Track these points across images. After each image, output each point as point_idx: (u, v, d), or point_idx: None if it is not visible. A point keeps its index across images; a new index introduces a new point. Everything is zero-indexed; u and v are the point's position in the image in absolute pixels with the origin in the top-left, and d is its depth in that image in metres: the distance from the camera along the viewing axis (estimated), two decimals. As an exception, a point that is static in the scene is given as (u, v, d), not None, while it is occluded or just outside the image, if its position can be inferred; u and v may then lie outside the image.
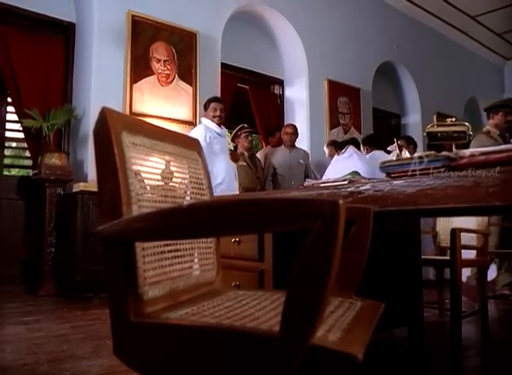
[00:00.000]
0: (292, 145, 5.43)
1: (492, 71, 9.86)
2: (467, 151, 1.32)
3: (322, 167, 5.54)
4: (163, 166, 1.03)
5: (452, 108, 8.12)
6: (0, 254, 4.12)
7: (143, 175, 0.95)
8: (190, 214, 0.76)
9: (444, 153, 1.36)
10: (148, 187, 0.96)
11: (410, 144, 5.49)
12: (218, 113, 4.16)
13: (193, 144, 1.18)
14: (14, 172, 5.21)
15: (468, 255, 3.33)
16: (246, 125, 5.14)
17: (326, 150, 5.69)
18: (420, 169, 1.38)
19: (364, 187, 1.35)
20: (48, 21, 4.56)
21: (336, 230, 0.70)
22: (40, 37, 4.52)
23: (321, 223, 0.70)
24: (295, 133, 5.44)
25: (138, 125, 1.00)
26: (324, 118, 6.20)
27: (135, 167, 0.93)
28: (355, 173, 1.62)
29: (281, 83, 6.35)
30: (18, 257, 4.24)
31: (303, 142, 5.89)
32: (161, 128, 1.07)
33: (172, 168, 1.07)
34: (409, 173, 1.39)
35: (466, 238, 3.23)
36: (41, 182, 4.05)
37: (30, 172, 4.48)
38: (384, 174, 1.55)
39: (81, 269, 3.76)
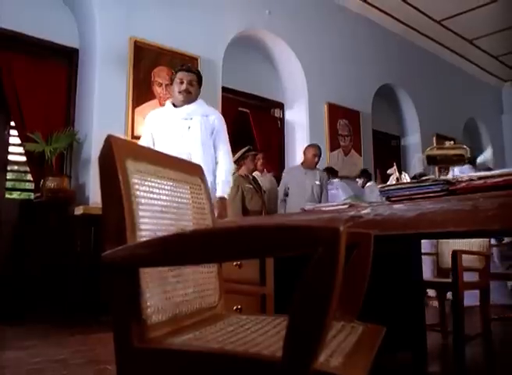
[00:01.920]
0: (312, 166, 5.27)
1: (490, 92, 9.97)
2: (465, 176, 1.34)
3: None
4: (166, 192, 1.05)
5: (451, 130, 8.19)
6: None
7: (147, 201, 0.97)
8: (193, 240, 0.78)
9: (443, 177, 1.38)
10: (152, 213, 0.98)
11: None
12: (184, 86, 3.10)
13: (195, 170, 1.21)
14: (15, 195, 5.23)
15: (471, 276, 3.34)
16: (251, 147, 5.16)
17: (359, 181, 5.81)
18: (419, 193, 1.40)
19: (364, 212, 1.37)
20: (52, 47, 4.63)
21: (337, 256, 0.72)
22: (43, 63, 4.60)
23: (322, 249, 0.72)
24: (318, 154, 5.29)
25: (142, 152, 1.02)
26: (324, 140, 6.25)
27: (139, 193, 0.94)
28: (355, 197, 1.64)
29: (281, 106, 6.42)
30: (17, 279, 4.22)
31: (303, 164, 5.92)
32: (165, 155, 1.10)
33: (175, 194, 1.08)
34: (408, 197, 1.41)
35: (467, 259, 3.23)
36: (43, 205, 4.07)
37: (32, 195, 4.50)
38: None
39: (80, 293, 3.74)
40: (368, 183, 5.99)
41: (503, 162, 9.19)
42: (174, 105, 3.12)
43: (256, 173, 5.37)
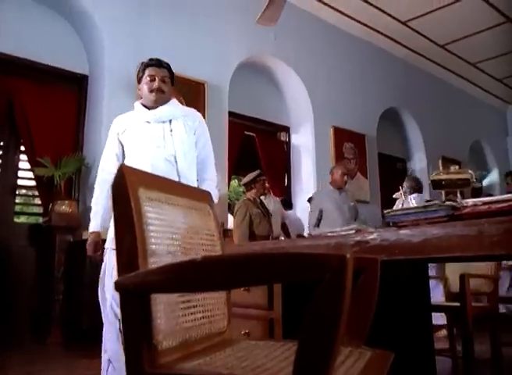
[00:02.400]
0: (341, 187, 5.07)
1: (494, 115, 10.01)
2: (470, 201, 1.36)
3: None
4: (177, 219, 1.08)
5: (457, 152, 8.22)
6: (8, 301, 4.12)
7: (158, 228, 0.99)
8: (204, 268, 0.80)
9: (448, 203, 1.40)
10: (163, 240, 1.00)
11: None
12: (157, 84, 2.56)
13: (205, 197, 1.23)
14: (23, 219, 5.27)
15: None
16: (262, 171, 5.12)
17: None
18: (425, 219, 1.42)
19: (370, 237, 1.38)
20: (62, 73, 4.74)
21: (344, 283, 0.74)
22: (53, 89, 4.69)
23: (329, 276, 0.74)
24: (346, 173, 5.13)
25: (153, 180, 1.05)
26: (330, 164, 6.27)
27: (151, 221, 0.97)
28: (362, 221, 1.65)
29: (287, 130, 6.49)
30: (26, 304, 4.24)
31: (309, 188, 5.95)
32: (175, 182, 1.13)
33: (185, 221, 1.11)
34: (414, 223, 1.43)
35: (476, 282, 3.22)
36: (51, 229, 4.10)
37: (40, 219, 4.55)
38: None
39: (90, 318, 3.74)
40: None
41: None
42: (146, 107, 2.62)
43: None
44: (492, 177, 9.36)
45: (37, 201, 4.65)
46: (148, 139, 2.55)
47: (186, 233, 1.10)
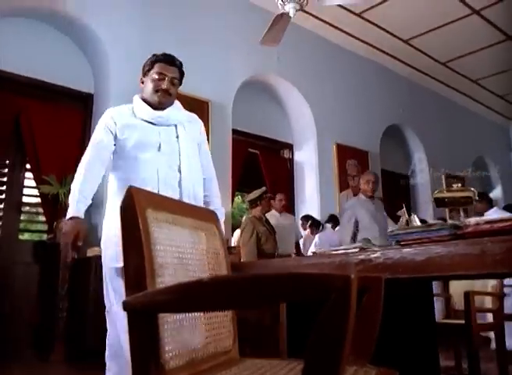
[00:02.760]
0: (373, 195, 4.87)
1: (497, 131, 10.05)
2: (472, 220, 1.37)
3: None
4: (184, 240, 1.09)
5: (460, 168, 8.22)
6: (12, 318, 4.12)
7: (165, 248, 1.01)
8: (211, 288, 0.82)
9: (450, 222, 1.41)
10: (170, 260, 1.02)
11: None
12: (165, 85, 2.30)
13: (210, 217, 1.25)
14: (27, 236, 5.29)
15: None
16: (267, 189, 5.13)
17: (328, 225, 5.77)
18: (428, 238, 1.44)
19: (374, 255, 1.40)
20: (68, 92, 4.80)
21: (349, 303, 0.75)
22: (59, 107, 4.75)
23: (334, 296, 0.75)
24: (377, 181, 4.94)
25: (161, 201, 1.07)
26: (333, 181, 6.31)
27: (158, 241, 0.99)
28: (366, 240, 1.67)
29: (290, 147, 6.53)
30: (29, 321, 4.24)
31: (312, 205, 5.97)
32: (182, 203, 1.15)
33: (192, 240, 1.13)
34: (417, 241, 1.44)
35: (480, 299, 3.21)
36: (56, 246, 4.11)
37: (44, 236, 4.57)
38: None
39: (93, 336, 3.73)
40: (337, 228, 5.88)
41: (513, 200, 9.17)
42: (148, 104, 2.35)
43: (274, 213, 5.35)
44: (496, 193, 9.35)
45: (41, 218, 4.68)
46: (152, 142, 2.29)
47: (193, 253, 1.12)
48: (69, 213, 2.15)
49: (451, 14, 6.29)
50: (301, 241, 5.74)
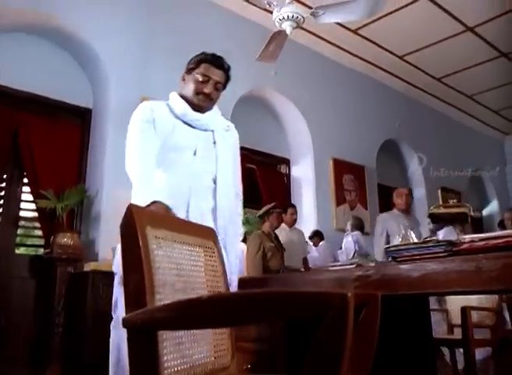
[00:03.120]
0: (407, 209, 4.80)
1: (492, 146, 10.12)
2: (467, 237, 1.39)
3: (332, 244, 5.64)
4: (183, 256, 1.11)
5: (456, 183, 8.27)
6: (7, 334, 4.09)
7: (165, 265, 1.02)
8: (210, 306, 0.83)
9: (446, 238, 1.43)
10: (170, 277, 1.03)
11: None
12: (208, 89, 2.15)
13: (209, 234, 1.27)
14: (22, 250, 5.28)
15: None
16: (276, 204, 5.12)
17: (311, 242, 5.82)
18: (423, 254, 1.45)
19: (371, 272, 1.41)
20: (66, 107, 4.82)
21: (346, 320, 0.77)
22: (58, 122, 4.77)
23: (332, 314, 0.77)
24: (410, 194, 4.91)
25: (160, 219, 1.09)
26: (330, 195, 6.33)
27: (158, 258, 1.00)
28: (363, 256, 1.68)
29: (287, 162, 6.56)
30: (25, 337, 4.21)
31: (310, 220, 5.98)
32: (181, 220, 1.16)
33: (191, 257, 1.14)
34: (413, 258, 1.46)
35: (478, 315, 3.21)
36: (53, 261, 4.11)
37: (40, 250, 4.56)
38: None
39: (90, 351, 3.71)
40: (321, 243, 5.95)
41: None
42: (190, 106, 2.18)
43: (284, 227, 5.33)
44: (492, 207, 9.39)
45: (38, 232, 4.67)
46: (188, 145, 2.12)
47: (192, 269, 1.13)
48: (148, 197, 1.84)
49: (445, 31, 6.38)
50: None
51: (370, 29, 6.27)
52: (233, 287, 1.78)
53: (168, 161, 2.06)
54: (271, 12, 3.88)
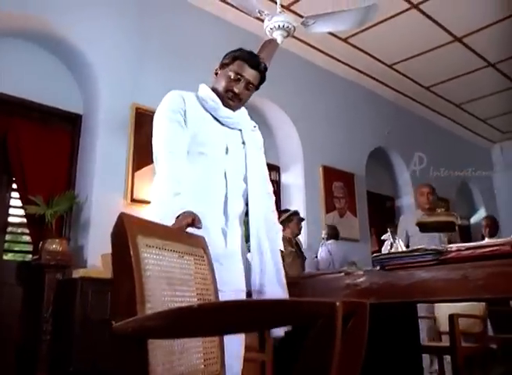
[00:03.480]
0: (430, 208, 4.48)
1: (480, 153, 10.23)
2: (454, 246, 1.41)
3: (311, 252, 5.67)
4: (173, 265, 1.11)
5: (444, 191, 8.33)
6: (-6, 342, 4.05)
7: (155, 274, 1.03)
8: (200, 314, 0.84)
9: (433, 247, 1.45)
10: (160, 285, 1.04)
11: None
12: (238, 88, 2.04)
13: (199, 242, 1.27)
14: (10, 256, 5.23)
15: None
16: (297, 210, 5.13)
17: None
18: (411, 262, 1.47)
19: (360, 280, 1.43)
20: (56, 113, 4.80)
21: (335, 329, 0.78)
22: (47, 128, 4.75)
23: (321, 323, 0.78)
24: (432, 192, 4.71)
25: (151, 227, 1.09)
26: (320, 203, 6.35)
27: (148, 267, 1.01)
28: (352, 263, 1.70)
29: (277, 169, 6.57)
30: (12, 344, 4.17)
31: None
32: (172, 229, 1.17)
33: (181, 266, 1.15)
34: (401, 266, 1.47)
35: (466, 322, 3.24)
36: (41, 267, 4.07)
37: (28, 256, 4.52)
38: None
39: (78, 359, 3.68)
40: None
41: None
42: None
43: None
44: (480, 215, 9.47)
45: (26, 238, 4.64)
46: (219, 142, 2.01)
47: (182, 278, 1.14)
48: (177, 206, 1.60)
49: (434, 41, 6.46)
50: None
51: (360, 38, 6.33)
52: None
53: (198, 157, 1.94)
54: (262, 21, 3.91)
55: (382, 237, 2.60)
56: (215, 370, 1.20)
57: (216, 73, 2.14)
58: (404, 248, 1.99)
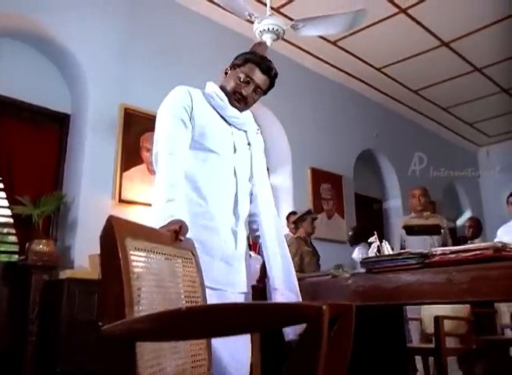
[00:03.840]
0: (422, 210, 4.42)
1: (466, 157, 10.33)
2: (438, 250, 1.43)
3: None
4: (161, 267, 1.12)
5: (431, 193, 8.40)
6: (-22, 343, 4.01)
7: (144, 276, 1.04)
8: (189, 317, 0.85)
9: (418, 251, 1.47)
10: (148, 288, 1.05)
11: None
12: (246, 91, 2.02)
13: (187, 245, 1.28)
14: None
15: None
16: (311, 209, 5.16)
17: None
18: (397, 266, 1.49)
19: (346, 283, 1.44)
20: (45, 112, 4.77)
21: (321, 332, 0.79)
22: (35, 127, 4.72)
23: (308, 326, 0.79)
24: (424, 194, 4.68)
25: (140, 230, 1.10)
26: (308, 204, 6.37)
27: (137, 270, 1.02)
28: (338, 266, 1.72)
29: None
30: (-3, 346, 4.13)
31: (287, 228, 6.01)
32: (160, 232, 1.18)
33: (169, 268, 1.15)
34: (387, 269, 1.50)
35: (451, 324, 3.28)
36: (27, 268, 4.04)
37: (15, 257, 4.48)
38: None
39: (64, 360, 3.66)
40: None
41: (482, 222, 9.39)
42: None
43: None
44: (465, 217, 9.56)
45: (12, 238, 4.60)
46: (227, 141, 1.97)
47: (170, 280, 1.14)
48: (168, 212, 1.54)
49: (422, 45, 6.53)
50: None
51: (349, 41, 6.37)
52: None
53: (208, 155, 1.90)
54: (251, 22, 3.93)
55: (369, 240, 2.62)
56: (203, 372, 1.21)
57: (226, 73, 2.11)
58: (391, 251, 2.02)
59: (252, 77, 2.02)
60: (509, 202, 5.18)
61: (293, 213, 5.52)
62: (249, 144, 2.07)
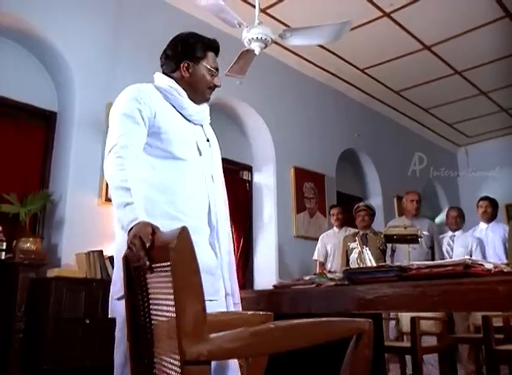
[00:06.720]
0: (416, 215, 4.73)
1: (446, 156, 10.56)
2: (415, 264, 1.56)
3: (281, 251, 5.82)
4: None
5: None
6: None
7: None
8: (275, 333, 0.96)
9: (397, 264, 1.59)
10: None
11: None
12: (219, 82, 1.97)
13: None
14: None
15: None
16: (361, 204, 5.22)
17: None
18: (377, 278, 1.61)
19: (331, 293, 1.56)
20: (31, 110, 4.78)
21: (371, 339, 0.98)
22: (22, 125, 4.73)
23: (362, 336, 1.05)
24: (420, 200, 4.88)
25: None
26: (290, 203, 6.50)
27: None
28: (321, 275, 1.82)
29: (250, 169, 6.69)
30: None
31: (270, 226, 6.14)
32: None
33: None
34: (367, 281, 1.61)
35: (428, 323, 3.42)
36: (14, 266, 4.08)
37: (1, 255, 4.50)
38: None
39: (50, 358, 3.72)
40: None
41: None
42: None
43: (335, 229, 5.70)
44: (443, 216, 9.78)
45: (-2, 236, 4.62)
46: (191, 141, 1.82)
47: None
48: (133, 214, 1.50)
49: (404, 48, 6.67)
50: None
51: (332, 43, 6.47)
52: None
53: (174, 163, 1.75)
54: (240, 26, 4.00)
55: (351, 246, 2.72)
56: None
57: (187, 68, 1.90)
58: (372, 258, 2.14)
59: (217, 67, 1.93)
60: (478, 206, 5.28)
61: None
62: (208, 140, 1.92)
